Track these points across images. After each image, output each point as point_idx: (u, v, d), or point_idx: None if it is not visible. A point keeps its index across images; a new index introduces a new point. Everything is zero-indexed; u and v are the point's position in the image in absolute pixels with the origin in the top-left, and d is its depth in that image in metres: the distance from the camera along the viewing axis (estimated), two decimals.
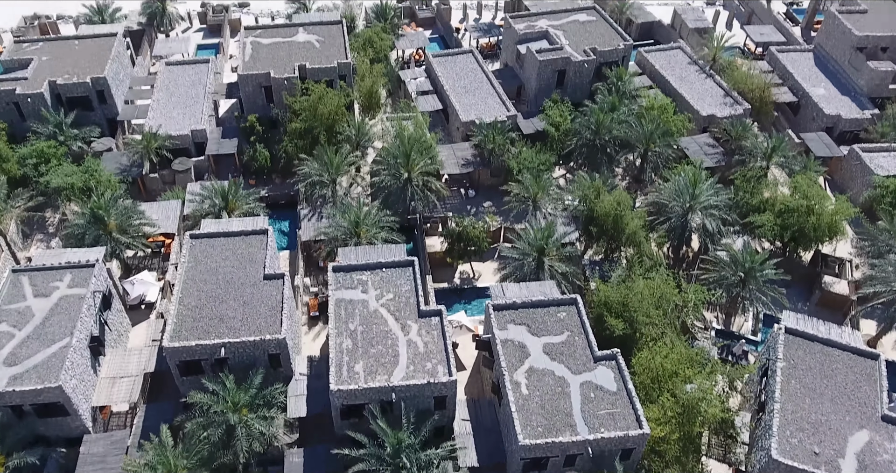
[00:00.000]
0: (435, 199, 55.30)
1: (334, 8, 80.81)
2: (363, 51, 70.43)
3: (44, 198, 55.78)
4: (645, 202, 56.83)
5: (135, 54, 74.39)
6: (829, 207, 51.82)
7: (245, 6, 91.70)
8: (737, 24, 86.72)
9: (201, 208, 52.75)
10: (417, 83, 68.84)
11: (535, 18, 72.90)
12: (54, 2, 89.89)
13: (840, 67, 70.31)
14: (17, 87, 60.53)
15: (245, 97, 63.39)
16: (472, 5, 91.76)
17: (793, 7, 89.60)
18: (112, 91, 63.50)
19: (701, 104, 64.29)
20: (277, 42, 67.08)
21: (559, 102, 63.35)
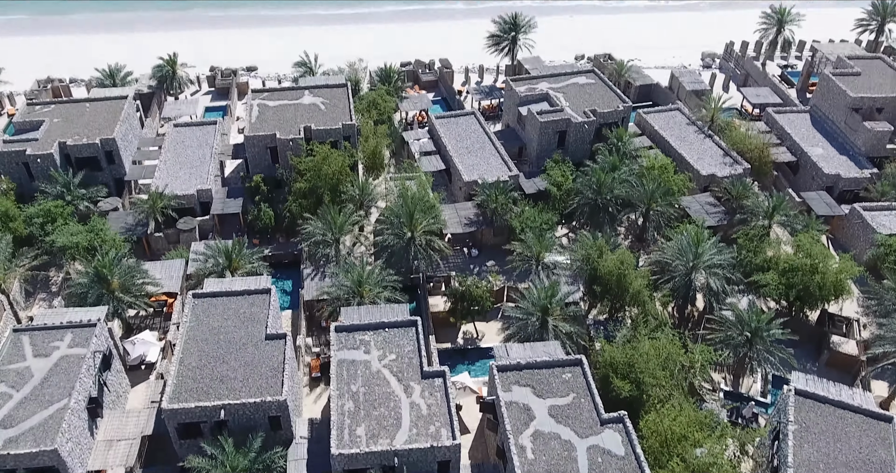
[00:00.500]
0: (438, 258, 55.35)
1: (339, 71, 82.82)
2: (367, 113, 71.83)
3: (48, 257, 55.99)
4: (648, 261, 56.81)
5: (144, 116, 75.95)
6: (834, 266, 51.72)
7: (253, 70, 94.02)
8: (733, 87, 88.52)
9: (205, 267, 52.80)
10: (420, 144, 69.89)
11: (535, 81, 74.57)
12: (68, 65, 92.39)
13: (837, 128, 71.39)
14: (27, 148, 61.58)
15: (251, 158, 64.29)
16: (474, 69, 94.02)
17: (787, 70, 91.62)
18: (120, 152, 64.53)
19: (701, 164, 65.03)
20: (283, 104, 68.47)
21: (561, 162, 64.12)
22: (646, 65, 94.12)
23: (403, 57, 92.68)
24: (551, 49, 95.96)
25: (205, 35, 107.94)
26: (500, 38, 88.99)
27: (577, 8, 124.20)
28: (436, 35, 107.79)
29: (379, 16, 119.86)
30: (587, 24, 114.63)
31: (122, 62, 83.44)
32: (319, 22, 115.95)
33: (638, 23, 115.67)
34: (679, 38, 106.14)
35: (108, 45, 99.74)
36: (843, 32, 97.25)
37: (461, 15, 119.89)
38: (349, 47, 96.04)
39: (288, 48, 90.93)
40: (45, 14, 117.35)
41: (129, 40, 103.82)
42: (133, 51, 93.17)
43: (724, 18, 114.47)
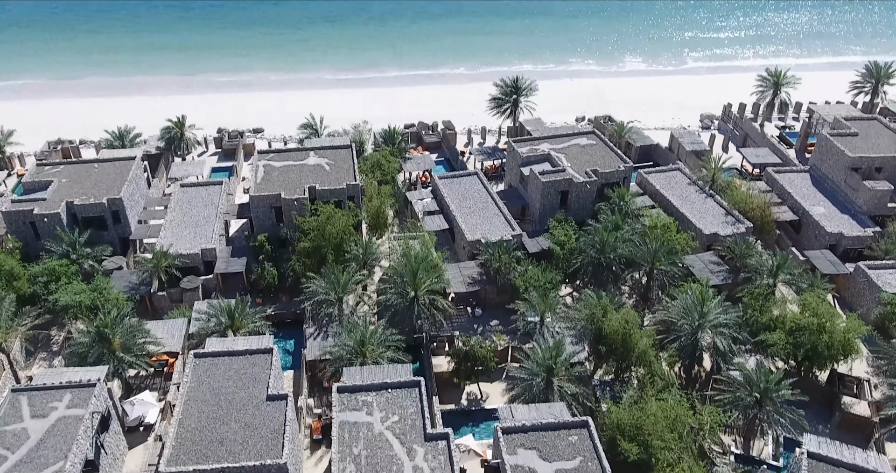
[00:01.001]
0: (441, 317, 55.01)
1: (344, 133, 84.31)
2: (371, 173, 72.74)
3: (51, 316, 55.80)
4: (653, 321, 56.37)
5: (151, 176, 76.96)
6: (841, 325, 51.25)
7: (259, 132, 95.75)
8: (732, 147, 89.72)
9: (207, 326, 52.50)
10: (424, 204, 70.46)
11: (537, 142, 75.75)
12: (79, 127, 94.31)
13: (837, 187, 71.99)
14: (35, 207, 62.24)
15: (256, 217, 64.78)
16: (477, 130, 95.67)
17: (785, 131, 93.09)
18: (126, 211, 65.13)
19: (703, 223, 65.31)
20: (289, 165, 69.43)
21: (563, 222, 64.46)
22: (646, 126, 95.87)
23: (407, 119, 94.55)
24: (552, 111, 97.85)
25: (213, 98, 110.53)
26: (502, 100, 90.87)
27: (577, 72, 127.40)
28: (439, 98, 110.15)
29: (383, 80, 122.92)
30: (587, 86, 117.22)
31: (132, 124, 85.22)
32: (325, 86, 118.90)
33: (637, 85, 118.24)
34: (678, 101, 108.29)
35: (120, 107, 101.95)
36: (839, 94, 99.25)
37: (464, 78, 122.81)
38: (354, 110, 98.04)
39: (294, 111, 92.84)
40: (61, 78, 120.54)
41: (140, 103, 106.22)
42: (143, 113, 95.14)
43: (721, 81, 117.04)
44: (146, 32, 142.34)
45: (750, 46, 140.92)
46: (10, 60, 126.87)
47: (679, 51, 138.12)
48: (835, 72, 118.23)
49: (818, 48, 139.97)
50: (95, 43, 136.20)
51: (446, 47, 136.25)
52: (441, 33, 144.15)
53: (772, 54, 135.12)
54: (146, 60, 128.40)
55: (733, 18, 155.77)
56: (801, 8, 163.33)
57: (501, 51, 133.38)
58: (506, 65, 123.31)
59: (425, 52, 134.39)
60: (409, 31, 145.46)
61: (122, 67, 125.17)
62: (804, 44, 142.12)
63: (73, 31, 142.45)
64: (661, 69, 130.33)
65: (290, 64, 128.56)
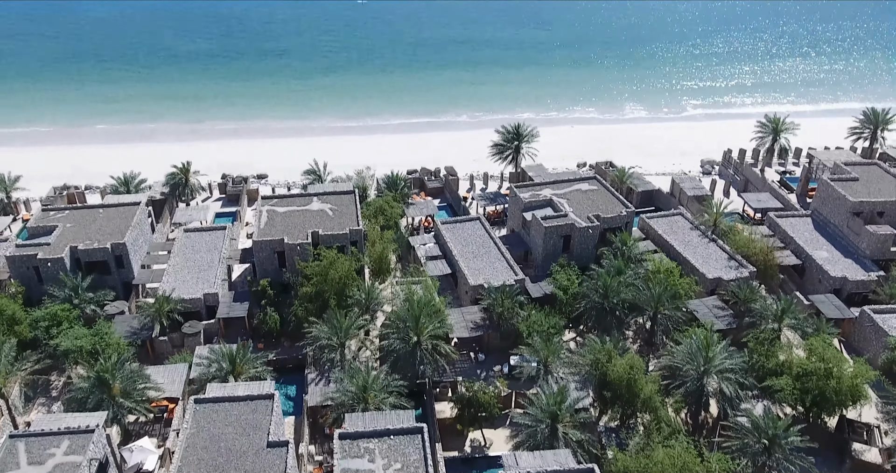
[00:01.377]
0: (444, 363, 54.52)
1: (347, 179, 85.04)
2: (374, 218, 73.13)
3: (51, 361, 55.42)
4: (658, 366, 55.80)
5: (155, 221, 77.41)
6: (849, 370, 50.68)
7: (263, 178, 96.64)
8: (734, 192, 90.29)
9: (208, 371, 52.05)
10: (427, 249, 70.60)
11: (539, 188, 76.26)
12: (85, 173, 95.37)
13: (839, 231, 72.11)
14: (38, 252, 62.42)
15: (258, 262, 64.88)
16: (479, 176, 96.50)
17: (786, 176, 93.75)
18: (130, 256, 65.31)
19: (706, 267, 65.23)
20: (292, 210, 69.87)
21: (566, 267, 64.43)
22: (647, 171, 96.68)
23: (410, 165, 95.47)
24: (554, 157, 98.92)
25: (219, 145, 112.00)
26: (504, 146, 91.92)
27: (579, 119, 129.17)
28: (441, 144, 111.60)
29: (386, 127, 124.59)
30: (588, 133, 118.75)
31: (138, 170, 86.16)
32: (329, 133, 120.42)
33: (637, 132, 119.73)
34: (678, 147, 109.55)
35: (126, 154, 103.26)
36: (837, 140, 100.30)
37: (466, 126, 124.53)
38: (357, 156, 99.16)
39: (298, 157, 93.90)
40: (68, 126, 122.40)
41: (147, 150, 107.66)
42: (149, 159, 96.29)
43: (721, 128, 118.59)
44: (154, 83, 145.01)
45: (748, 94, 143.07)
46: (20, 109, 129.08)
47: (678, 99, 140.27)
48: (833, 118, 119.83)
49: (815, 95, 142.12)
50: (104, 92, 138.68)
51: (448, 96, 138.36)
52: (443, 83, 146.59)
53: (770, 101, 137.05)
54: (153, 108, 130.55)
55: (731, 67, 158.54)
56: (798, 56, 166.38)
57: (503, 99, 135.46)
58: (507, 112, 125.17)
59: (428, 100, 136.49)
60: (411, 80, 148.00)
61: (130, 115, 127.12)
62: (801, 91, 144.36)
63: (83, 81, 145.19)
64: (661, 116, 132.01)
65: (295, 112, 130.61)
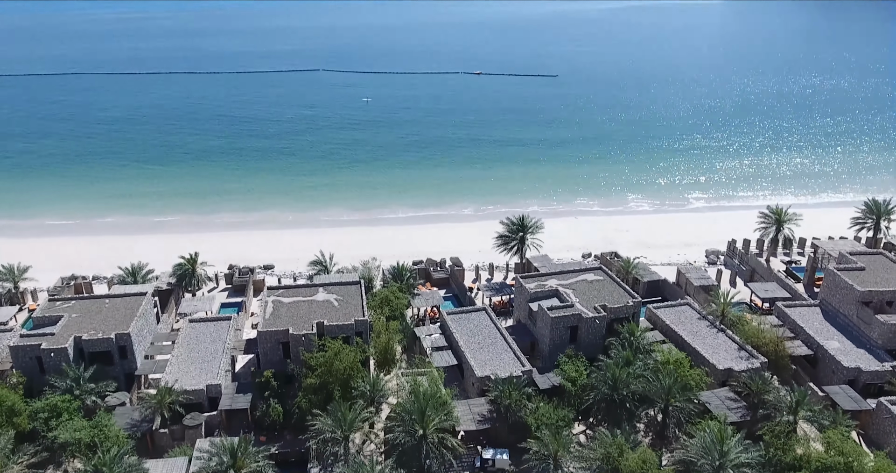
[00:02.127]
0: (451, 457, 52.84)
1: (353, 270, 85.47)
2: (380, 309, 72.93)
3: (48, 454, 53.95)
4: (672, 460, 53.94)
5: (161, 312, 77.30)
6: (869, 464, 48.97)
7: (270, 268, 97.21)
8: (740, 282, 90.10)
9: (208, 465, 50.49)
10: (432, 339, 69.99)
11: (544, 278, 76.38)
12: (93, 263, 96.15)
13: (849, 321, 71.37)
14: (42, 342, 62.11)
15: (263, 353, 64.24)
16: (484, 267, 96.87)
17: (792, 265, 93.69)
18: (134, 347, 64.86)
19: (716, 358, 64.23)
20: (298, 301, 69.85)
21: (574, 358, 63.56)
22: (652, 262, 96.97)
23: (415, 256, 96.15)
24: (559, 248, 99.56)
25: (226, 236, 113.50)
26: (509, 238, 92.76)
27: (582, 210, 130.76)
28: (447, 235, 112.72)
29: (393, 220, 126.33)
30: (592, 224, 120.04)
31: (146, 261, 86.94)
32: (336, 225, 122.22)
33: (641, 223, 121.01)
34: (682, 238, 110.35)
35: (135, 245, 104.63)
36: (841, 230, 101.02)
37: (471, 217, 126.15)
38: (363, 247, 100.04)
39: (304, 248, 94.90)
40: (79, 218, 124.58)
41: (155, 241, 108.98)
42: (157, 250, 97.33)
43: (724, 218, 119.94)
44: (166, 178, 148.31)
45: (750, 186, 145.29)
46: (34, 202, 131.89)
47: (681, 191, 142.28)
48: (834, 209, 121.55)
49: (815, 187, 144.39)
50: (117, 187, 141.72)
51: (454, 189, 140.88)
52: (448, 177, 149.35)
53: (771, 193, 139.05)
54: (163, 202, 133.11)
55: (731, 160, 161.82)
56: (796, 149, 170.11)
57: (507, 192, 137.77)
58: (512, 205, 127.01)
59: (433, 193, 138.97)
60: (418, 175, 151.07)
61: (140, 209, 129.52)
62: (801, 182, 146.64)
63: (97, 177, 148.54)
64: (664, 208, 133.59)
65: (303, 204, 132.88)
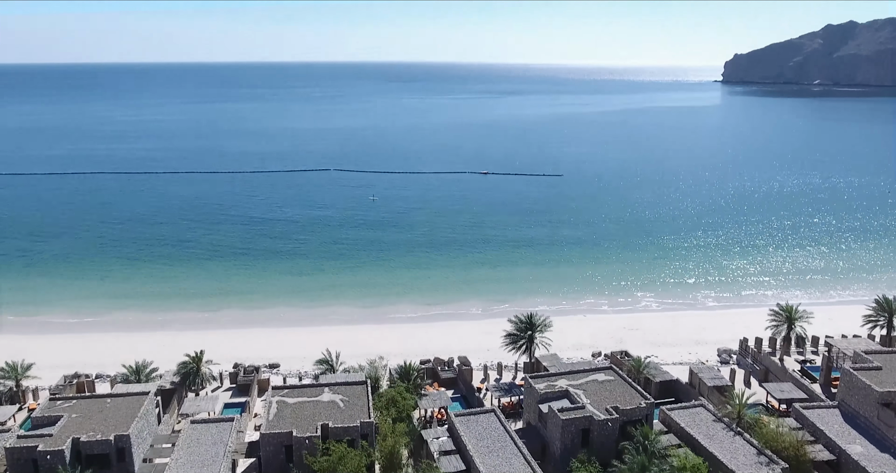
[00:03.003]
0: None
1: (360, 369, 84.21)
2: (386, 410, 71.27)
3: None
4: None
5: (163, 412, 75.65)
6: None
7: (275, 367, 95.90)
8: (754, 382, 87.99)
9: None
10: (440, 443, 67.88)
11: (554, 378, 74.86)
12: (97, 361, 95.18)
13: (871, 423, 68.96)
14: (39, 443, 60.44)
15: (265, 457, 62.32)
16: (493, 366, 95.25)
17: (806, 365, 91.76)
18: (133, 449, 62.99)
19: (735, 463, 61.66)
20: (302, 401, 68.44)
21: (586, 462, 61.28)
22: (663, 361, 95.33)
23: (422, 354, 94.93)
24: (568, 347, 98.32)
25: (232, 334, 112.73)
26: (517, 336, 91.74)
27: (591, 308, 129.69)
28: (454, 333, 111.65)
29: (400, 318, 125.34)
30: (602, 322, 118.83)
31: (150, 358, 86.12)
32: (343, 322, 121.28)
33: (651, 321, 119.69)
34: (693, 335, 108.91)
35: (140, 342, 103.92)
36: (853, 327, 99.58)
37: (479, 316, 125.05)
38: (370, 345, 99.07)
39: (311, 346, 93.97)
40: (84, 315, 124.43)
41: (161, 338, 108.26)
42: (163, 347, 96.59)
43: (734, 316, 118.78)
44: (175, 275, 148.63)
45: (758, 283, 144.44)
46: (40, 299, 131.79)
47: (690, 289, 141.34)
48: (846, 306, 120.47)
49: (824, 284, 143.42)
50: (125, 284, 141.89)
51: (461, 288, 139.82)
52: (456, 275, 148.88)
53: (780, 290, 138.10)
54: (171, 298, 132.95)
55: (737, 259, 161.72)
56: (801, 247, 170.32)
57: (516, 291, 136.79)
58: (520, 303, 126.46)
59: (441, 291, 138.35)
60: (425, 274, 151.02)
61: (147, 305, 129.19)
62: (809, 280, 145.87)
63: (106, 274, 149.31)
64: (674, 305, 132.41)
65: (310, 302, 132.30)
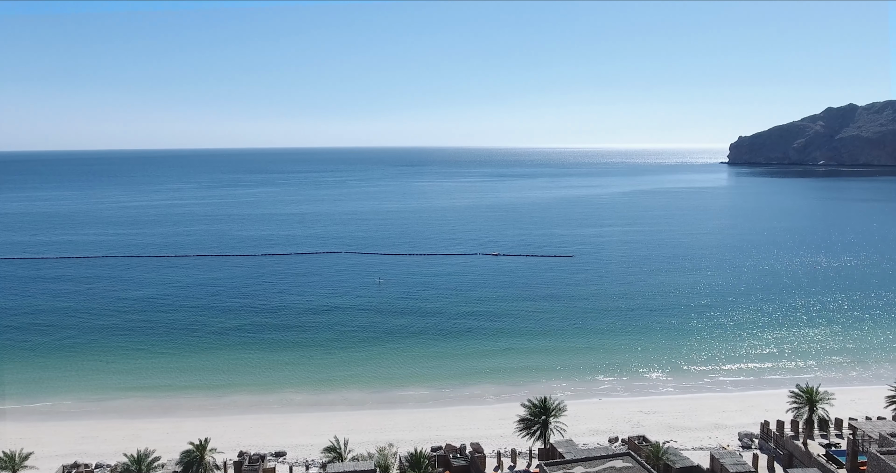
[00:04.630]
0: None
1: (369, 457, 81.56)
2: None
3: None
4: None
5: None
6: None
7: (282, 455, 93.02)
8: (779, 468, 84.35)
9: None
10: None
11: (570, 466, 72.08)
12: (99, 450, 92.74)
13: None
14: None
15: None
16: (506, 452, 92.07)
17: (831, 449, 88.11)
18: None
19: None
20: None
21: None
22: (682, 446, 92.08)
23: (434, 441, 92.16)
24: (583, 432, 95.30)
25: (239, 420, 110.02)
26: (531, 421, 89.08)
27: (607, 391, 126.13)
28: (466, 419, 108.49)
29: (410, 403, 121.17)
30: (618, 406, 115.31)
31: (153, 446, 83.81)
32: (351, 407, 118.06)
33: (668, 405, 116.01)
34: (712, 419, 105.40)
35: (144, 429, 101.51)
36: (877, 409, 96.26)
37: (492, 399, 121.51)
38: (380, 431, 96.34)
39: (318, 432, 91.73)
40: (91, 401, 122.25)
41: (165, 425, 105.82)
42: (166, 435, 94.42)
43: (754, 399, 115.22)
44: (179, 364, 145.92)
45: (776, 365, 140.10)
46: (44, 387, 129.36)
47: (706, 371, 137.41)
48: (866, 386, 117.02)
49: (844, 365, 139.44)
50: (128, 372, 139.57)
51: (472, 371, 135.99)
52: (466, 358, 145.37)
53: (799, 371, 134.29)
54: (176, 385, 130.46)
55: (755, 340, 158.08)
56: (816, 327, 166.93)
57: (529, 375, 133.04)
58: (533, 384, 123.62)
59: (451, 372, 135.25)
60: (434, 352, 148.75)
61: (151, 392, 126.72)
62: (827, 359, 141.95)
63: (109, 361, 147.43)
64: (691, 388, 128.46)
65: (317, 383, 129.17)
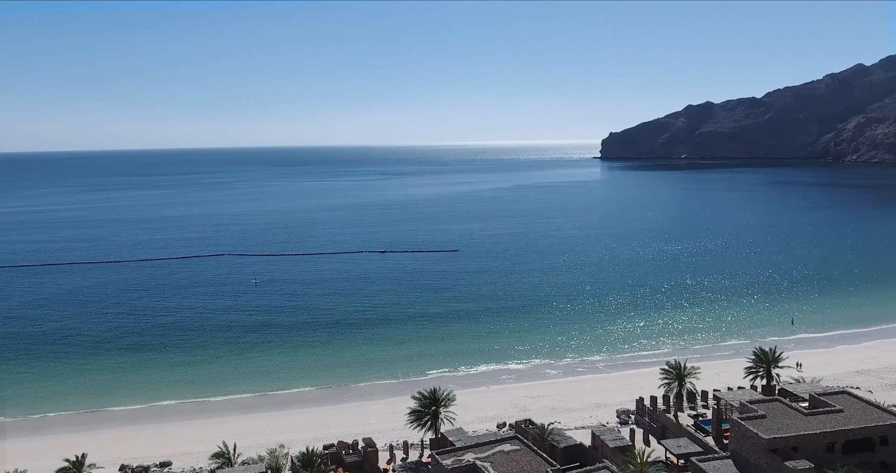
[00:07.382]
0: None
1: (259, 460, 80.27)
2: None
3: None
4: None
5: None
6: None
7: (167, 465, 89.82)
8: (653, 440, 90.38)
9: None
10: None
11: (460, 453, 73.93)
12: None
13: (761, 470, 72.03)
14: None
15: None
16: (398, 445, 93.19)
17: (699, 419, 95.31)
18: None
19: None
20: None
21: None
22: (566, 426, 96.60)
23: (325, 439, 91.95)
24: (473, 420, 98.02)
25: (118, 432, 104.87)
26: (422, 413, 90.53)
27: (494, 379, 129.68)
28: (357, 415, 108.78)
29: (301, 402, 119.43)
30: (504, 393, 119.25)
31: (23, 467, 78.60)
32: (238, 411, 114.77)
33: (552, 388, 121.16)
34: (592, 399, 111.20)
35: (11, 450, 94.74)
36: (738, 380, 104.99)
37: (382, 393, 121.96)
38: (269, 434, 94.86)
39: (205, 439, 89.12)
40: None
41: (35, 443, 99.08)
42: (38, 454, 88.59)
43: (630, 378, 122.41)
44: (47, 377, 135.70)
45: (650, 344, 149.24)
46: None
47: (584, 353, 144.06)
48: (729, 360, 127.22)
49: (708, 339, 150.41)
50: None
51: (361, 367, 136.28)
52: (354, 354, 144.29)
53: (670, 348, 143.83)
54: (44, 400, 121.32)
55: (628, 323, 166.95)
56: (681, 308, 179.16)
57: (417, 367, 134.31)
58: (422, 377, 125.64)
59: (341, 370, 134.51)
60: (322, 349, 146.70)
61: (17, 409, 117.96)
62: (694, 337, 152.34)
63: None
64: (571, 371, 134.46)
65: (199, 391, 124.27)
